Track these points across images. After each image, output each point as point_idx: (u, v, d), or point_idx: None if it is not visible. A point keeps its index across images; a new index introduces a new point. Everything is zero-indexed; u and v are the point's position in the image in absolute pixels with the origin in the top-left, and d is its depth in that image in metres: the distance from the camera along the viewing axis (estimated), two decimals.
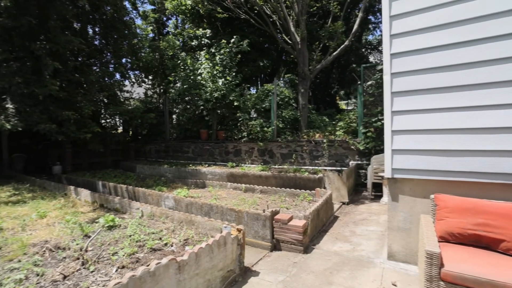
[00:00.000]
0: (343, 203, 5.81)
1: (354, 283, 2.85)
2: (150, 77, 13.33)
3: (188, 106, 11.33)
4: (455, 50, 2.77)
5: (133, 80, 12.97)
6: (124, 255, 2.93)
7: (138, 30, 12.40)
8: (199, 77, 9.58)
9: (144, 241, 3.30)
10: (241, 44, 9.53)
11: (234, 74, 9.76)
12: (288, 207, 4.89)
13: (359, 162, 7.13)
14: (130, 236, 3.45)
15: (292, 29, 8.90)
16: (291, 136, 8.26)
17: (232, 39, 9.69)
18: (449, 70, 2.81)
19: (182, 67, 10.37)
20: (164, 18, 15.72)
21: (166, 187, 7.02)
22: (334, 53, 9.12)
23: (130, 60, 11.64)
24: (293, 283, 2.89)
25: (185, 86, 9.92)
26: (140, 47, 11.91)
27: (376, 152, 6.52)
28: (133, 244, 3.22)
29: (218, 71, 9.48)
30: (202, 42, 12.20)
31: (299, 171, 6.99)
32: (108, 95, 10.29)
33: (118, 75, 11.46)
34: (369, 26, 16.42)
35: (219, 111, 9.75)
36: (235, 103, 9.22)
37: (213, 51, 10.08)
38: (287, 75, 12.28)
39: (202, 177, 7.82)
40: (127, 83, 12.74)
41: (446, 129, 2.84)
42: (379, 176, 5.92)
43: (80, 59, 10.14)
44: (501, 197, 2.58)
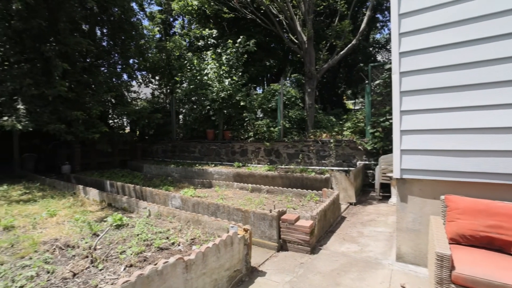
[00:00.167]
0: (351, 204, 5.76)
1: (362, 285, 2.82)
2: (157, 78, 13.44)
3: (195, 106, 11.38)
4: (467, 48, 2.71)
5: (140, 81, 13.11)
6: (132, 254, 2.95)
7: (145, 31, 12.52)
8: (206, 77, 9.61)
9: (152, 240, 3.32)
10: (248, 44, 9.53)
11: (241, 74, 9.76)
12: (295, 207, 4.87)
13: (367, 162, 7.06)
14: (138, 235, 3.48)
15: (299, 29, 8.86)
16: (298, 136, 8.22)
17: (239, 39, 9.69)
18: (460, 69, 2.76)
19: (189, 67, 10.42)
20: (171, 19, 15.83)
21: (173, 187, 7.07)
22: (341, 52, 9.05)
23: (137, 61, 11.76)
24: (300, 284, 2.87)
25: (192, 86, 9.97)
26: (147, 48, 12.03)
27: (384, 152, 6.45)
28: (141, 243, 3.25)
29: (225, 71, 9.49)
30: (209, 42, 12.25)
31: (306, 171, 6.95)
32: (116, 96, 10.40)
33: (126, 76, 11.61)
34: (377, 25, 16.24)
35: (226, 111, 9.77)
36: (242, 103, 9.23)
37: (220, 51, 10.10)
38: (294, 75, 12.25)
39: (209, 177, 7.84)
40: (134, 84, 12.87)
41: (457, 129, 2.78)
42: (387, 177, 5.85)
43: (89, 60, 10.29)
44: None
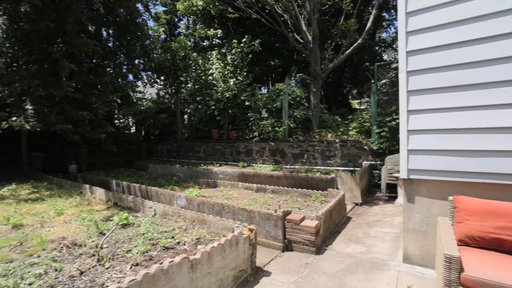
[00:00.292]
0: (356, 204, 5.72)
1: (368, 286, 2.80)
2: (162, 78, 13.51)
3: (200, 106, 11.43)
4: (476, 47, 2.67)
5: (146, 81, 13.19)
6: (138, 253, 2.97)
7: (150, 32, 12.58)
8: (210, 77, 9.63)
9: (157, 240, 3.34)
10: (253, 44, 9.52)
11: (245, 74, 9.76)
12: (300, 208, 4.85)
13: (373, 163, 7.00)
14: (144, 234, 3.50)
15: (304, 28, 8.82)
16: (303, 136, 8.19)
17: (244, 39, 9.69)
18: (469, 68, 2.72)
19: (194, 68, 10.46)
20: (176, 19, 15.88)
21: (178, 187, 7.10)
22: (347, 52, 8.99)
23: (143, 61, 11.83)
24: (305, 284, 2.86)
25: (197, 86, 10.00)
26: (152, 48, 12.09)
27: (391, 152, 6.39)
28: (147, 242, 3.27)
29: (229, 71, 9.50)
30: (213, 43, 12.27)
31: (311, 171, 6.92)
32: (122, 96, 10.49)
33: (131, 76, 11.69)
34: (383, 24, 16.09)
35: (230, 111, 9.78)
36: (246, 103, 9.23)
37: (224, 51, 10.11)
38: (299, 75, 12.19)
39: (214, 177, 7.86)
40: (140, 84, 12.97)
41: (466, 129, 2.74)
42: (394, 177, 5.80)
43: (95, 61, 10.40)
44: None
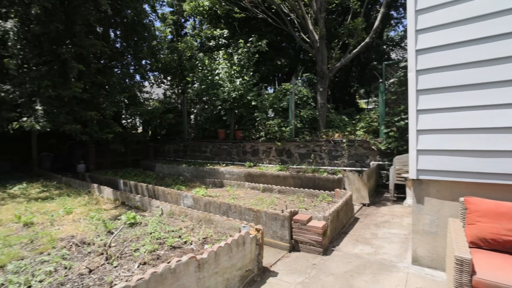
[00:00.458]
0: (364, 205, 5.66)
1: (376, 287, 2.76)
2: (169, 78, 13.60)
3: (206, 106, 11.47)
4: (489, 45, 2.61)
5: (153, 81, 13.31)
6: (145, 252, 2.99)
7: (157, 32, 12.68)
8: (217, 77, 9.65)
9: (164, 239, 3.36)
10: (259, 44, 9.51)
11: (252, 74, 9.75)
12: (307, 208, 4.82)
13: (381, 163, 6.93)
14: (151, 234, 3.52)
15: (311, 27, 8.77)
16: (310, 136, 8.15)
17: (250, 39, 9.69)
18: (481, 66, 2.66)
19: (200, 68, 10.50)
20: (182, 20, 15.97)
21: (185, 186, 7.13)
22: (354, 51, 8.91)
23: (150, 62, 11.93)
24: (313, 285, 2.84)
25: (203, 86, 10.03)
26: (159, 49, 12.20)
27: (399, 152, 6.31)
28: (154, 241, 3.29)
29: (236, 71, 9.51)
30: (220, 43, 12.30)
31: (318, 171, 6.88)
32: (129, 96, 10.60)
33: (138, 77, 11.82)
34: (391, 22, 15.91)
35: (237, 111, 9.79)
36: (253, 103, 9.22)
37: (231, 51, 10.13)
38: (305, 74, 12.13)
39: (220, 177, 7.88)
40: (147, 84, 13.08)
41: (477, 128, 2.68)
42: (402, 177, 5.72)
43: (103, 62, 10.53)
44: None
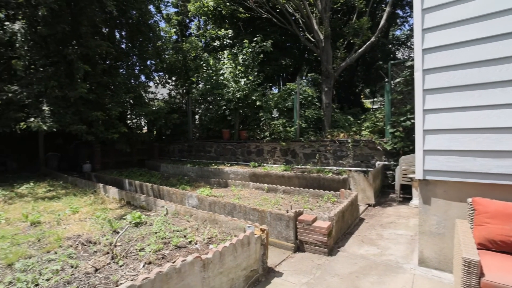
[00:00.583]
0: (369, 205, 5.62)
1: None
2: (174, 78, 13.67)
3: (211, 106, 11.50)
4: (497, 43, 2.57)
5: (157, 81, 13.40)
6: (151, 251, 3.00)
7: (162, 33, 12.76)
8: (222, 77, 9.67)
9: (169, 239, 3.37)
10: (264, 45, 9.50)
11: (256, 74, 9.75)
12: (312, 208, 4.80)
13: (386, 163, 6.87)
14: (156, 233, 3.53)
15: (315, 27, 8.74)
16: (314, 136, 8.12)
17: (255, 39, 9.68)
18: (489, 65, 2.62)
19: (205, 68, 10.53)
20: (187, 20, 16.05)
21: (190, 186, 7.16)
22: (360, 50, 8.85)
23: (155, 62, 12.00)
24: (318, 286, 2.82)
25: (208, 87, 10.06)
26: (164, 49, 12.26)
27: (405, 153, 6.25)
28: (159, 241, 3.30)
29: (240, 71, 9.51)
30: (224, 43, 12.33)
31: (323, 172, 6.85)
32: (134, 97, 10.67)
33: (143, 77, 11.90)
34: (397, 21, 15.78)
35: (241, 111, 9.79)
36: (257, 103, 9.21)
37: (235, 51, 10.14)
38: (310, 74, 12.10)
39: (225, 177, 7.89)
40: (152, 84, 13.17)
41: (485, 128, 2.64)
42: (408, 178, 5.67)
43: (108, 62, 10.62)
44: None
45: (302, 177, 6.61)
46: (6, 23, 7.70)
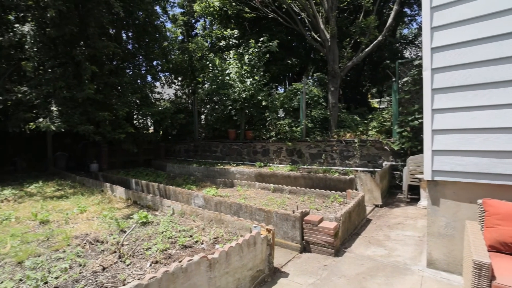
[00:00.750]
0: (376, 206, 5.57)
1: None
2: (180, 78, 13.74)
3: (217, 106, 11.52)
4: (509, 41, 2.51)
5: (164, 82, 13.48)
6: (157, 251, 3.02)
7: (168, 33, 12.85)
8: (227, 77, 9.68)
9: (176, 238, 3.38)
10: (270, 44, 9.49)
11: (262, 74, 9.74)
12: (318, 209, 4.77)
13: (394, 163, 6.79)
14: (162, 233, 3.55)
15: (322, 26, 8.68)
16: (321, 136, 8.07)
17: (261, 38, 9.67)
18: (500, 64, 2.56)
19: (211, 68, 10.56)
20: (193, 21, 16.13)
21: (196, 186, 7.18)
22: (366, 50, 8.76)
23: (161, 62, 12.09)
24: (324, 287, 2.80)
25: (214, 87, 10.08)
26: (170, 50, 12.34)
27: (413, 153, 6.17)
28: (165, 241, 3.31)
29: (246, 71, 9.51)
30: (230, 43, 12.34)
31: (329, 172, 6.81)
32: (141, 97, 10.76)
33: (150, 77, 12.00)
34: (404, 19, 15.58)
35: (247, 111, 9.79)
36: (263, 103, 9.20)
37: (241, 51, 10.14)
38: (316, 74, 12.02)
39: (231, 177, 7.89)
40: (158, 85, 13.27)
41: (497, 128, 2.58)
42: (416, 178, 5.59)
43: (115, 63, 10.73)
44: None
45: (308, 177, 6.58)
46: (16, 25, 7.85)
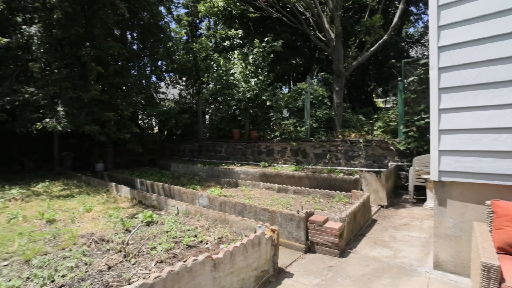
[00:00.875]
0: (382, 206, 5.52)
1: None
2: (184, 79, 13.79)
3: (221, 106, 11.53)
4: None
5: (168, 82, 13.53)
6: (162, 250, 3.03)
7: (173, 34, 12.89)
8: (232, 77, 9.68)
9: (180, 238, 3.39)
10: (275, 44, 9.47)
11: (266, 74, 9.72)
12: (323, 209, 4.75)
13: (399, 163, 6.73)
14: (167, 232, 3.56)
15: (326, 26, 8.64)
16: (325, 136, 8.03)
17: (266, 38, 9.66)
18: (509, 62, 2.52)
19: (215, 68, 10.58)
20: (197, 21, 16.17)
21: (200, 186, 7.20)
22: (372, 49, 8.69)
23: (165, 63, 12.14)
24: None
25: (218, 87, 10.10)
26: (175, 50, 12.38)
27: (419, 153, 6.11)
28: (170, 240, 3.32)
29: (251, 71, 9.50)
30: (234, 43, 12.35)
31: (334, 172, 6.77)
32: (145, 97, 10.82)
33: (154, 77, 12.06)
34: (410, 18, 15.40)
35: (252, 111, 9.79)
36: (268, 103, 9.19)
37: (246, 51, 10.14)
38: (321, 74, 11.97)
39: (235, 177, 7.89)
40: (162, 85, 13.33)
41: (506, 128, 2.54)
42: (423, 179, 5.53)
43: (120, 63, 10.81)
44: None
45: (313, 178, 6.55)
46: (24, 27, 7.95)
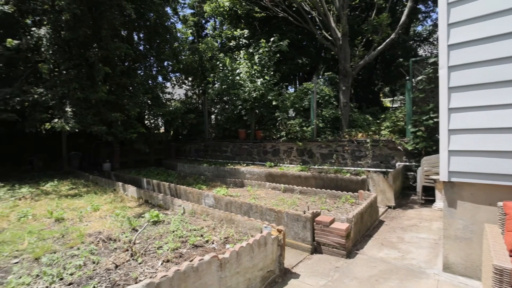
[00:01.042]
0: (389, 207, 5.45)
1: None
2: (190, 79, 13.85)
3: (227, 106, 11.55)
4: None
5: (174, 82, 13.62)
6: (169, 250, 3.04)
7: (179, 34, 12.95)
8: (238, 77, 9.69)
9: (187, 237, 3.40)
10: (281, 44, 9.44)
11: (272, 73, 9.70)
12: (329, 209, 4.71)
13: (407, 164, 6.64)
14: (174, 232, 3.58)
15: (333, 25, 8.57)
16: (332, 136, 7.97)
17: (272, 38, 9.64)
18: None
19: (221, 68, 10.59)
20: (203, 21, 16.23)
21: (206, 186, 7.22)
22: (379, 48, 8.59)
23: (171, 63, 12.21)
24: None
25: (224, 86, 10.11)
26: (181, 50, 12.45)
27: (427, 153, 6.02)
28: (176, 240, 3.33)
29: (256, 71, 9.49)
30: (240, 43, 12.35)
31: (340, 172, 6.71)
32: (152, 97, 10.89)
33: (161, 78, 12.15)
34: (419, 16, 15.20)
35: (257, 111, 9.77)
36: (274, 103, 9.16)
37: (252, 51, 10.13)
38: (327, 73, 11.87)
39: (241, 176, 7.90)
40: (169, 85, 13.42)
41: None
42: (431, 179, 5.45)
43: (127, 64, 10.91)
44: None
45: (319, 178, 6.51)
46: (33, 29, 8.08)
